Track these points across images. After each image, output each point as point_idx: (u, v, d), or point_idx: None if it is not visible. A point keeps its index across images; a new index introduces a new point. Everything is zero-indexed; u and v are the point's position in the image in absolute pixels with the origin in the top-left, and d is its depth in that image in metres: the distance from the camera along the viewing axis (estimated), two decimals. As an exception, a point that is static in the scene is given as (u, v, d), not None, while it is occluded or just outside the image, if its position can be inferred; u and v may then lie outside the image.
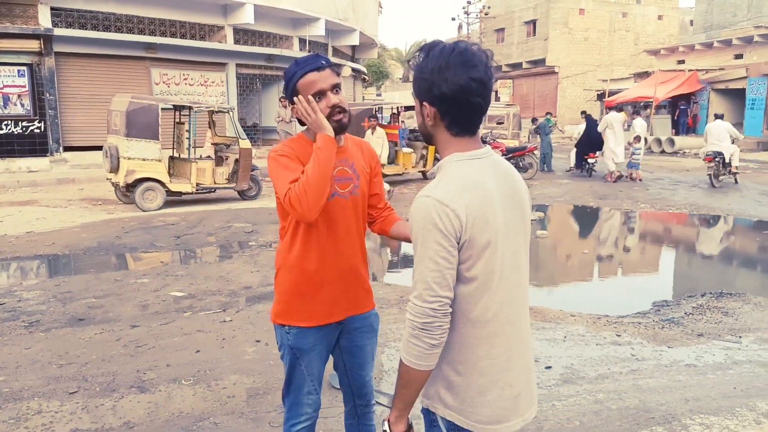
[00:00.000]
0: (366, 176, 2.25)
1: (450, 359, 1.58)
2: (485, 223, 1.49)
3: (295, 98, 2.07)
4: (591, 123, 15.37)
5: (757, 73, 24.03)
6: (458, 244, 1.47)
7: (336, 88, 2.09)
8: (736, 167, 13.39)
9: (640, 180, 14.16)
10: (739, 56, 25.63)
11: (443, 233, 1.45)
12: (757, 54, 24.61)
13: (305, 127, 2.13)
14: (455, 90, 1.48)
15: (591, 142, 14.92)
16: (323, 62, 2.08)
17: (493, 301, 1.55)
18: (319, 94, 2.06)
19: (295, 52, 21.85)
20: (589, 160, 15.04)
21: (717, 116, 13.84)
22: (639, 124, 14.58)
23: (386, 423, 1.64)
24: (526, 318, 1.68)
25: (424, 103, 1.56)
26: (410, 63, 1.59)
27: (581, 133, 15.45)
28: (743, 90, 24.63)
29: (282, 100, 17.29)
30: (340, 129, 2.10)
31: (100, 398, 3.59)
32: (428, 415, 1.67)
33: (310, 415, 2.27)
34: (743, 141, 23.73)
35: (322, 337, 2.21)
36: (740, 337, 4.71)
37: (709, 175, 13.23)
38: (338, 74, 2.14)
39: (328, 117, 2.06)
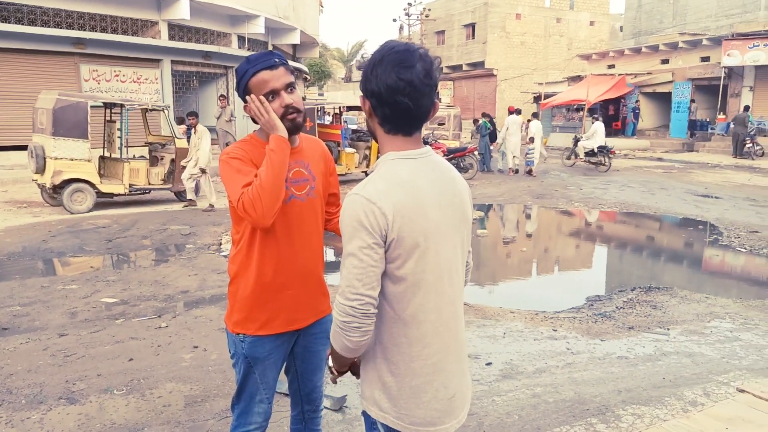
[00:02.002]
0: (322, 176, 2.20)
1: (385, 359, 1.58)
2: (414, 223, 1.49)
3: (247, 97, 2.00)
4: (491, 121, 18.67)
5: (682, 77, 25.37)
6: (385, 242, 1.48)
7: (290, 87, 2.03)
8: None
9: (534, 175, 15.96)
10: (665, 61, 26.98)
11: (368, 231, 1.46)
12: (682, 59, 25.97)
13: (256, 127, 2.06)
14: (382, 87, 1.49)
15: (490, 135, 17.99)
16: (276, 60, 2.01)
17: (426, 300, 1.55)
18: (272, 94, 2.00)
19: (234, 49, 21.43)
20: (490, 148, 18.04)
21: (597, 119, 17.66)
22: (534, 126, 16.26)
23: (329, 369, 1.73)
24: (461, 318, 1.67)
25: (362, 96, 1.58)
26: (362, 59, 1.65)
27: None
28: (669, 94, 25.94)
29: (221, 99, 16.90)
30: (294, 129, 2.05)
31: (26, 411, 3.40)
32: (368, 417, 1.66)
33: (259, 424, 2.21)
34: (669, 141, 25.03)
35: (278, 345, 2.15)
36: (668, 329, 4.93)
37: (606, 163, 17.03)
38: (292, 72, 2.07)
39: (282, 117, 2.00)
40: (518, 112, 16.97)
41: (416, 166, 1.56)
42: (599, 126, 17.17)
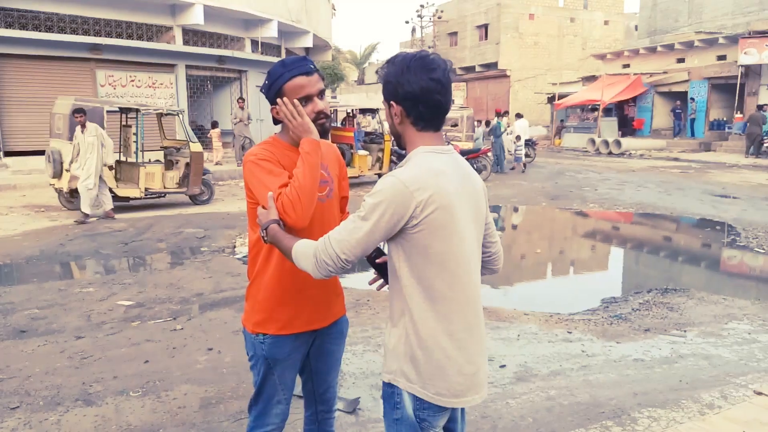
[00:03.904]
0: (337, 179, 2.25)
1: (416, 334, 1.71)
2: (443, 208, 1.66)
3: (279, 100, 2.03)
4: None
5: (698, 76, 25.08)
6: (406, 224, 1.65)
7: (321, 93, 2.08)
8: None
9: (523, 170, 17.22)
10: (681, 60, 26.67)
11: (392, 212, 1.63)
12: (698, 58, 25.67)
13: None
14: (417, 89, 1.70)
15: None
16: (312, 66, 2.07)
17: (452, 280, 1.71)
18: (306, 99, 2.04)
19: (248, 53, 21.57)
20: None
21: (520, 116, 18.62)
22: (519, 126, 17.51)
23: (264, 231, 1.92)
24: (480, 302, 1.82)
25: (392, 102, 1.76)
26: (378, 73, 1.82)
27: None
28: (685, 93, 25.65)
29: (239, 101, 17.01)
30: (323, 133, 2.09)
31: (43, 413, 3.44)
32: (389, 387, 1.78)
33: (276, 425, 2.22)
34: (686, 141, 24.77)
35: (298, 346, 2.17)
36: (685, 331, 4.87)
37: (531, 155, 18.91)
38: (323, 79, 2.13)
39: (312, 122, 2.05)
40: (506, 113, 18.69)
41: (446, 160, 1.75)
42: (524, 122, 18.90)
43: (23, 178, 13.83)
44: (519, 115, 18.33)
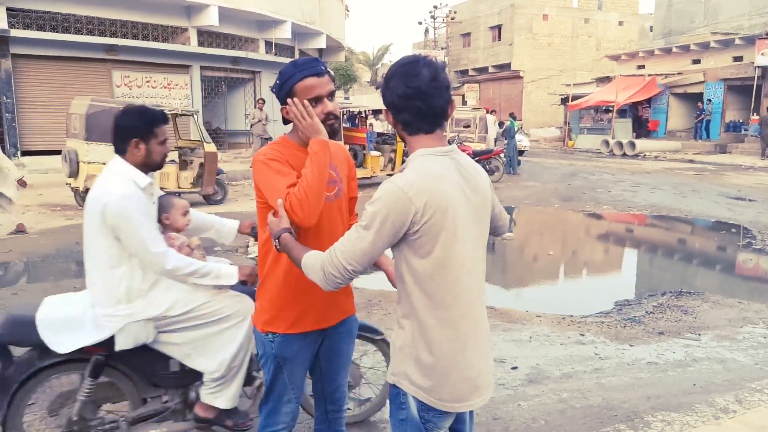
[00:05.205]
0: (346, 179, 2.27)
1: (422, 338, 1.72)
2: (443, 212, 1.66)
3: (289, 100, 2.05)
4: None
5: (714, 77, 24.83)
6: (408, 229, 1.65)
7: (332, 95, 2.11)
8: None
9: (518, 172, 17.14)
10: (696, 61, 26.43)
11: (393, 219, 1.63)
12: (713, 59, 25.42)
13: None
14: (395, 97, 1.73)
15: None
16: (323, 68, 2.09)
17: (454, 285, 1.71)
18: (316, 100, 2.06)
19: (261, 54, 21.68)
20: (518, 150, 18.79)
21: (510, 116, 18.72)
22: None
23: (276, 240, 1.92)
24: (483, 304, 1.83)
25: (385, 110, 1.80)
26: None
27: None
28: (701, 94, 25.41)
29: (259, 102, 17.11)
30: (332, 134, 2.11)
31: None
32: (395, 388, 1.79)
33: (287, 424, 2.24)
34: (701, 143, 24.55)
35: (307, 344, 2.19)
36: (699, 334, 4.83)
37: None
38: (333, 80, 2.15)
39: (322, 122, 2.07)
40: (493, 112, 19.11)
41: (445, 162, 1.73)
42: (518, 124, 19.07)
43: (40, 177, 13.97)
44: (512, 116, 18.44)
